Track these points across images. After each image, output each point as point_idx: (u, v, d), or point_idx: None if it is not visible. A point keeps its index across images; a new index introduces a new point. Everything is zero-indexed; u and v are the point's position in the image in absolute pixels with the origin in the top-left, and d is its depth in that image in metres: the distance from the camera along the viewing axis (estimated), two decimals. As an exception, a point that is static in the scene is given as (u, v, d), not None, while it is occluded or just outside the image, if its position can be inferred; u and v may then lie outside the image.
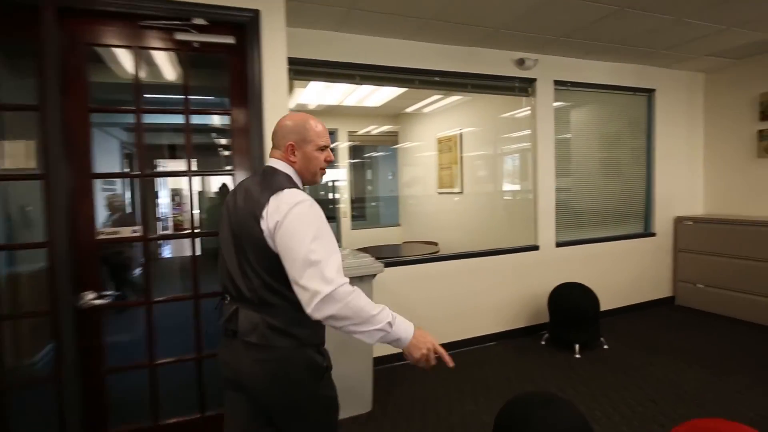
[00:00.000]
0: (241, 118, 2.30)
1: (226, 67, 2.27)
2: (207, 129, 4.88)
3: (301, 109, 5.41)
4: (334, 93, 4.73)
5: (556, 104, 3.96)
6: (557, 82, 3.94)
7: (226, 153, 4.87)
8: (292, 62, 3.02)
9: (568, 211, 4.15)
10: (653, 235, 4.56)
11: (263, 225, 1.25)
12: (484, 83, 3.73)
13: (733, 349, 3.44)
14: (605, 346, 3.60)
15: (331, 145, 1.54)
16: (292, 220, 1.21)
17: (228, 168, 2.32)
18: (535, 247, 3.95)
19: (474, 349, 3.67)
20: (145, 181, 2.23)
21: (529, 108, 3.97)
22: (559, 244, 4.06)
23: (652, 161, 4.52)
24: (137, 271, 3.40)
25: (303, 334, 1.30)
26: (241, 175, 2.30)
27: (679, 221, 4.60)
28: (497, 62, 3.70)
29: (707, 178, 4.78)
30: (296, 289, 1.20)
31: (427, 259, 3.55)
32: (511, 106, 4.28)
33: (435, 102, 5.37)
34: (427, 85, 3.59)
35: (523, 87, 3.90)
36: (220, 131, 4.85)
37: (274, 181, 1.32)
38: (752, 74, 4.29)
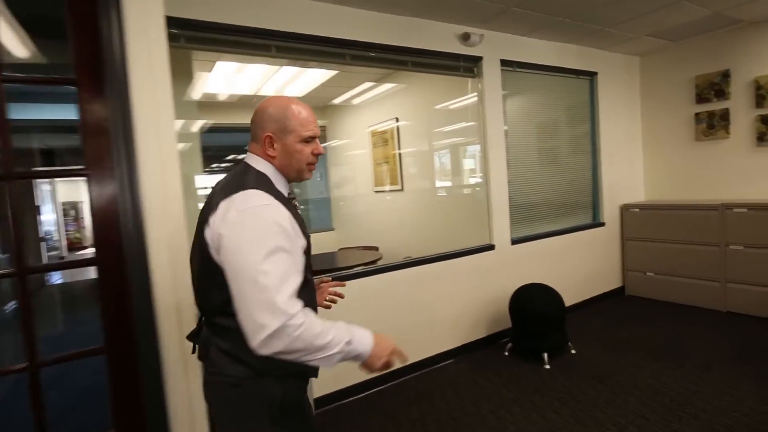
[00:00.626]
0: (96, 109, 1.56)
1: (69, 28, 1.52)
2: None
3: (229, 98, 4.58)
4: (249, 79, 3.98)
5: (504, 92, 3.57)
6: (504, 62, 3.55)
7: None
8: (178, 25, 2.28)
9: (519, 205, 3.79)
10: (602, 224, 4.37)
11: (207, 234, 1.08)
12: (425, 61, 3.23)
13: (695, 340, 3.26)
14: (572, 351, 3.26)
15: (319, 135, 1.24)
16: (240, 231, 1.02)
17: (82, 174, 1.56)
18: (491, 247, 3.53)
19: (428, 372, 3.15)
20: (16, 190, 1.43)
21: (475, 94, 3.53)
22: (514, 242, 3.69)
23: (597, 148, 4.32)
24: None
25: (259, 363, 1.07)
26: (98, 188, 1.57)
27: (625, 209, 4.46)
28: (440, 37, 3.21)
29: (647, 163, 4.71)
30: (239, 318, 1.01)
31: (369, 272, 2.96)
32: (454, 92, 3.83)
33: (367, 91, 4.80)
34: (361, 62, 3.00)
35: (469, 66, 3.45)
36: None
37: (239, 181, 1.12)
38: (687, 57, 4.23)
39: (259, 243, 1.00)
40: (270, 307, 0.97)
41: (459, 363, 3.25)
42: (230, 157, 6.33)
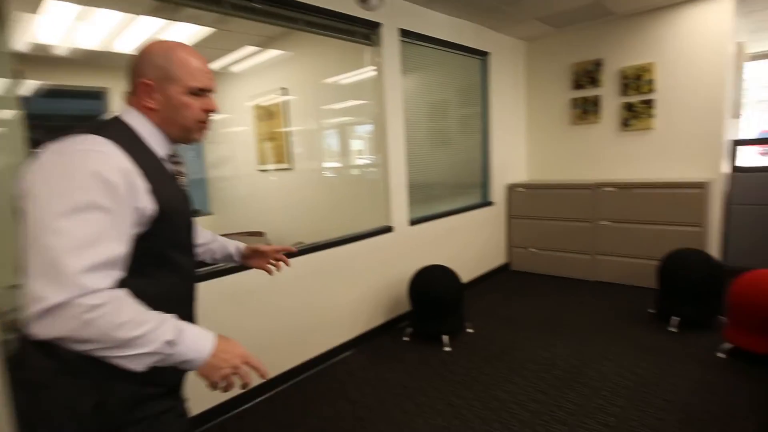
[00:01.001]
0: None
1: None
2: None
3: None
4: (97, 30, 3.18)
5: (403, 67, 3.35)
6: (403, 32, 3.33)
7: None
8: None
9: (416, 185, 3.66)
10: (492, 204, 4.49)
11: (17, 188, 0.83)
12: (319, 20, 2.85)
13: (574, 310, 3.49)
14: (469, 330, 3.26)
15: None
16: (44, 175, 0.80)
17: None
18: (389, 229, 3.35)
19: (327, 368, 2.87)
20: None
21: (373, 68, 3.26)
22: (413, 222, 3.55)
23: (488, 129, 4.39)
24: None
25: (72, 353, 0.79)
26: None
27: (512, 188, 4.64)
28: (334, -5, 2.86)
29: (530, 145, 4.95)
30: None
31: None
32: (349, 64, 3.51)
33: (249, 57, 4.23)
34: (244, 13, 2.51)
35: (366, 33, 3.16)
36: None
37: (85, 127, 0.89)
38: (567, 45, 4.48)
39: (63, 193, 0.79)
40: (53, 275, 0.75)
41: (359, 354, 3.03)
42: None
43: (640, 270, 3.87)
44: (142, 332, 0.79)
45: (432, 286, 3.06)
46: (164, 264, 0.98)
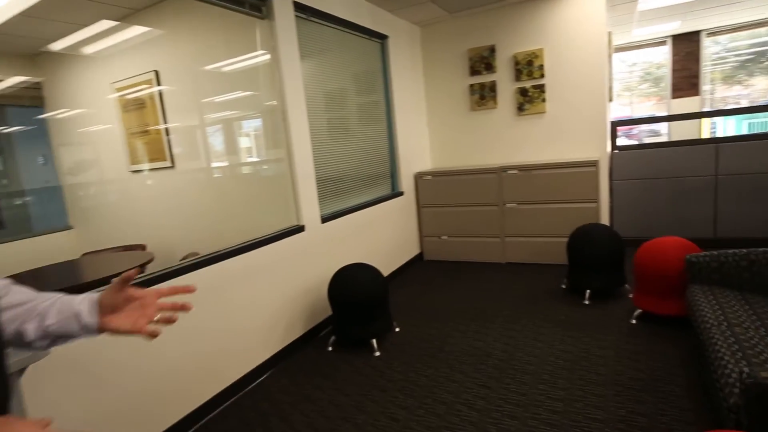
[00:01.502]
0: None
1: None
2: None
3: None
4: None
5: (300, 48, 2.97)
6: (297, 6, 2.95)
7: None
8: None
9: (324, 179, 3.33)
10: (401, 194, 4.33)
11: None
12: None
13: (493, 294, 3.48)
14: (397, 329, 3.05)
15: None
16: None
17: None
18: (301, 228, 2.97)
19: (239, 399, 2.43)
20: None
21: (265, 51, 2.82)
22: (324, 219, 3.22)
23: (392, 117, 4.21)
24: None
25: None
26: None
27: (419, 177, 4.54)
28: (215, -47, 2.38)
29: (431, 132, 4.91)
30: None
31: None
32: (239, 45, 3.02)
33: (107, 35, 3.46)
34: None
35: (257, 4, 2.72)
36: None
37: None
38: (461, 31, 4.48)
39: None
40: None
41: (279, 374, 2.62)
42: None
43: (547, 248, 4.03)
44: None
45: (354, 287, 2.77)
46: None
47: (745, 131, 7.30)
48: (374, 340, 2.78)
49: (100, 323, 0.79)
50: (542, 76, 4.20)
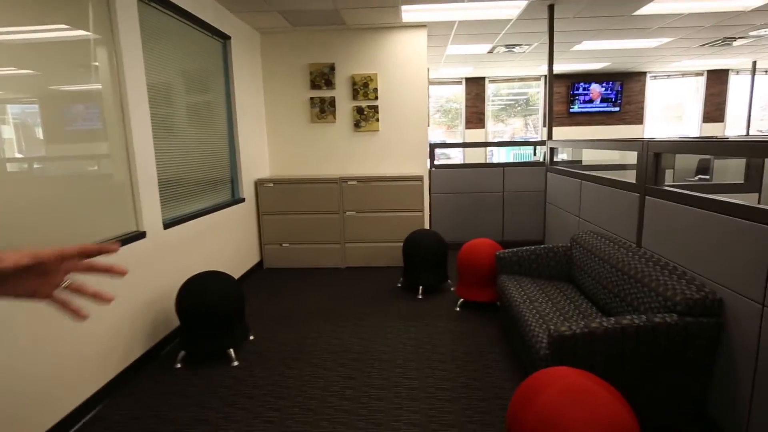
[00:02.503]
0: None
1: None
2: None
3: None
4: None
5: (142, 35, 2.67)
6: (141, -13, 2.67)
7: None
8: None
9: (164, 182, 3.03)
10: (243, 200, 4.21)
11: None
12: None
13: (340, 296, 3.72)
14: (251, 338, 2.98)
15: None
16: None
17: None
18: (142, 235, 2.64)
19: None
20: None
21: (96, 35, 2.45)
22: (167, 225, 2.93)
23: (233, 120, 4.07)
24: None
25: None
26: None
27: (260, 184, 4.48)
28: None
29: (270, 140, 4.90)
30: None
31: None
32: (49, 14, 2.53)
33: None
34: None
35: (92, -25, 2.36)
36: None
37: None
38: (302, 45, 4.64)
39: None
40: None
41: (119, 405, 2.27)
42: None
43: (383, 252, 4.47)
44: None
45: (209, 296, 2.61)
46: None
47: (512, 159, 9.39)
48: (231, 350, 2.67)
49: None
50: (376, 98, 4.69)
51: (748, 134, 7.15)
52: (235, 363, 2.63)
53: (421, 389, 2.32)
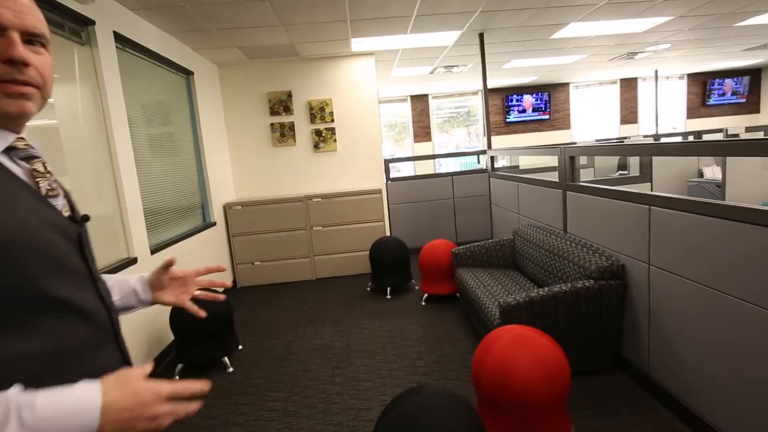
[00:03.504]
0: None
1: None
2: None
3: None
4: None
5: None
6: (118, 37, 2.94)
7: None
8: None
9: (146, 210, 3.27)
10: (214, 224, 4.45)
11: None
12: None
13: (314, 305, 4.05)
14: (240, 347, 3.25)
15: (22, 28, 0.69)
16: None
17: None
18: (134, 260, 2.88)
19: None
20: None
21: (82, 80, 2.71)
22: (153, 250, 3.16)
23: (201, 149, 4.33)
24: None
25: None
26: None
27: (228, 207, 4.73)
28: (40, -25, 2.27)
29: (234, 165, 5.17)
30: None
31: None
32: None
33: None
34: None
35: (77, 30, 2.62)
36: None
37: None
38: (260, 75, 4.99)
39: None
40: None
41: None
42: None
43: (350, 261, 4.84)
44: None
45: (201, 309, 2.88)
46: (41, 307, 0.67)
47: (458, 167, 10.07)
48: (226, 358, 2.94)
49: (152, 297, 1.02)
50: (333, 120, 5.10)
51: (656, 133, 8.22)
52: (231, 369, 2.90)
53: (400, 369, 2.71)
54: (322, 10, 3.53)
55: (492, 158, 4.98)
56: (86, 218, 0.83)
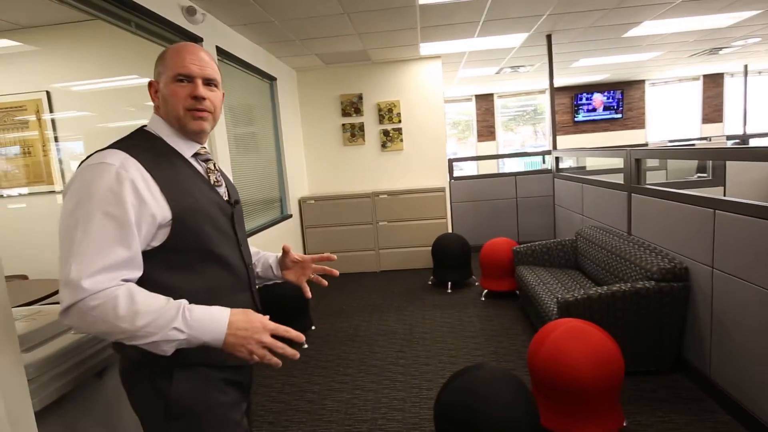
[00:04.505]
0: None
1: None
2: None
3: None
4: None
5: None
6: (219, 50, 3.38)
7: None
8: None
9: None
10: (290, 216, 4.87)
11: None
12: (141, 21, 2.64)
13: (382, 293, 4.32)
14: (313, 327, 3.59)
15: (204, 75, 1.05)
16: (67, 190, 0.91)
17: None
18: (226, 244, 3.31)
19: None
20: None
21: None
22: (241, 237, 3.59)
23: (281, 147, 4.76)
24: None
25: (132, 351, 0.96)
26: None
27: (303, 201, 5.14)
28: (164, 2, 2.71)
29: (309, 162, 5.58)
30: None
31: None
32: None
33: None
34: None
35: (188, 46, 3.07)
36: None
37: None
38: (333, 79, 5.35)
39: (76, 206, 0.88)
40: (64, 281, 0.86)
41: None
42: None
43: (413, 256, 5.08)
44: (145, 323, 0.86)
45: (281, 290, 3.25)
46: (205, 257, 1.02)
47: (522, 167, 9.95)
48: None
49: (282, 275, 1.33)
50: (400, 121, 5.35)
51: (744, 133, 7.62)
52: (305, 345, 3.25)
53: (459, 356, 2.90)
54: (395, 20, 3.77)
55: (557, 159, 4.97)
56: (237, 201, 1.17)
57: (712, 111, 8.92)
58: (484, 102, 9.07)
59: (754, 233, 1.89)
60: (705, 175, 5.19)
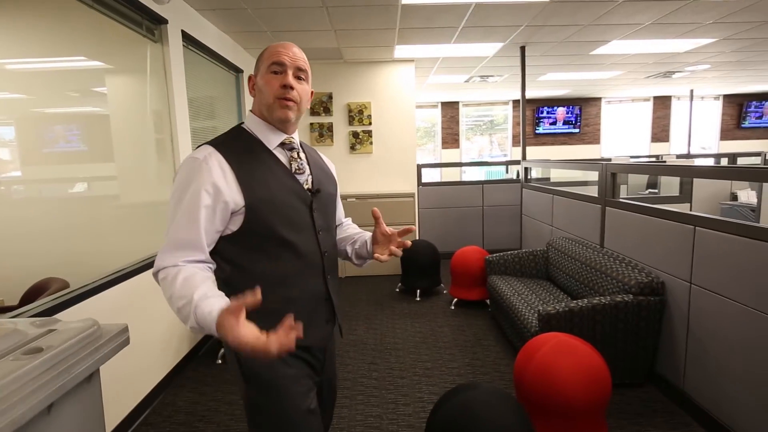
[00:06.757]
0: None
1: None
2: None
3: None
4: None
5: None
6: (185, 35, 3.11)
7: None
8: None
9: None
10: (253, 217, 4.61)
11: None
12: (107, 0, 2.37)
13: (349, 300, 4.17)
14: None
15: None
16: (174, 182, 1.08)
17: None
18: (186, 246, 3.04)
19: (148, 416, 2.41)
20: None
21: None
22: (201, 238, 3.32)
23: (245, 144, 4.50)
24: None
25: None
26: None
27: (267, 202, 4.89)
28: (127, -24, 2.45)
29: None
30: None
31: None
32: (124, 61, 2.94)
33: None
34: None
35: (152, 28, 2.80)
36: None
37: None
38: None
39: (174, 193, 1.04)
40: (158, 253, 1.02)
41: (179, 389, 2.64)
42: None
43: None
44: (180, 305, 0.94)
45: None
46: (277, 243, 1.09)
47: (484, 177, 10.11)
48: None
49: (372, 251, 1.26)
50: (370, 123, 5.23)
51: (689, 152, 8.14)
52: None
53: (434, 368, 2.80)
54: (375, 18, 3.66)
55: (526, 169, 5.04)
56: (318, 190, 1.18)
57: (660, 131, 9.47)
58: (450, 109, 9.14)
59: (735, 251, 1.92)
60: (656, 191, 5.45)
